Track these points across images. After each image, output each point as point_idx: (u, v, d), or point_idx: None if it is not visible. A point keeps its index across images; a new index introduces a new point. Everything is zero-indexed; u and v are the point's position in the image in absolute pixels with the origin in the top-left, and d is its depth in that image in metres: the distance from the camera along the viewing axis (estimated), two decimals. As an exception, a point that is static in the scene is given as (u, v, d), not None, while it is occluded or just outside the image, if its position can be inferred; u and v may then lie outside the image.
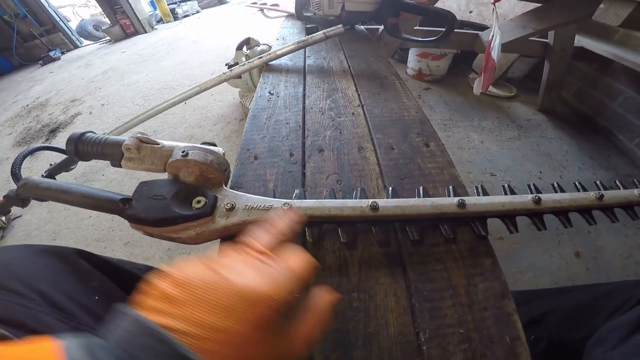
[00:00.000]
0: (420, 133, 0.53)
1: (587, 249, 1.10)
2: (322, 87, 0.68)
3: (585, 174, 1.41)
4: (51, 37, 5.46)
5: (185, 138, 1.90)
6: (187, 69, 3.05)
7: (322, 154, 0.49)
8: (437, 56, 1.96)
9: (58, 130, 2.37)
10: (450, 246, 0.37)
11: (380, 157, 0.48)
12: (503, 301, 0.33)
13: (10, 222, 1.57)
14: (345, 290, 0.34)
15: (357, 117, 0.56)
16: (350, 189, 0.44)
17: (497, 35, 0.99)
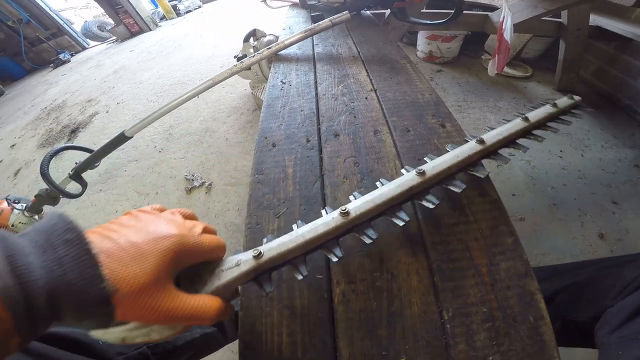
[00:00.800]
0: (436, 114, 0.53)
1: (611, 231, 1.06)
2: (333, 74, 0.68)
3: (608, 153, 1.37)
4: (58, 40, 5.54)
5: (201, 131, 1.95)
6: (196, 64, 3.08)
7: (337, 138, 0.50)
8: (448, 38, 1.91)
9: (78, 130, 2.44)
10: (471, 225, 0.37)
11: (396, 139, 0.49)
12: (525, 280, 0.32)
13: None
14: (368, 270, 0.35)
15: (371, 101, 0.57)
16: (368, 171, 0.45)
17: (508, 16, 0.97)
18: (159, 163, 1.79)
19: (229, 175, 1.58)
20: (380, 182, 0.39)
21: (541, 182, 1.25)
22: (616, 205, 1.14)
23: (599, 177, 1.26)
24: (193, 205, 1.47)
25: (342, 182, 0.44)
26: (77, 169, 1.25)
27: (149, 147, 1.95)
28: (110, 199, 1.66)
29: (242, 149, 1.73)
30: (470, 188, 0.40)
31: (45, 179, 1.18)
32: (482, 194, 0.40)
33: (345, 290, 0.34)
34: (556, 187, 1.23)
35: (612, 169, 1.28)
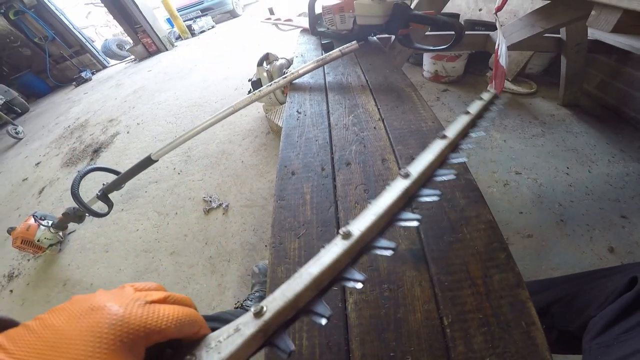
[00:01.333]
0: (437, 143, 0.58)
1: (621, 244, 1.08)
2: (344, 104, 0.75)
3: (616, 167, 1.37)
4: (80, 58, 5.77)
5: (217, 154, 2.03)
6: (211, 85, 3.19)
7: (349, 167, 0.56)
8: (452, 57, 1.98)
9: (101, 150, 2.55)
10: (468, 243, 0.42)
11: (401, 167, 0.54)
12: (517, 290, 0.36)
13: (66, 236, 1.74)
14: (377, 282, 0.40)
15: (379, 130, 0.63)
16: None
17: (502, 43, 1.03)
18: (178, 185, 1.88)
19: (244, 197, 1.65)
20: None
21: (548, 199, 1.27)
22: (625, 219, 1.15)
23: (606, 192, 1.26)
24: (211, 226, 1.54)
25: (354, 207, 0.50)
26: (104, 189, 1.33)
27: (168, 169, 2.04)
28: (131, 219, 1.74)
29: (257, 171, 1.80)
30: (468, 210, 0.46)
31: (76, 199, 1.27)
32: (478, 215, 0.45)
33: (357, 299, 0.39)
34: (563, 204, 1.24)
35: (620, 183, 1.29)
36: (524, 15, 1.32)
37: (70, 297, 0.21)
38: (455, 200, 0.48)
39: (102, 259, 1.54)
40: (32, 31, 5.15)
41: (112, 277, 1.43)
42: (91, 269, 1.51)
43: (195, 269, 1.36)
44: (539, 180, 1.36)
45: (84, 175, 1.33)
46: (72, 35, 5.53)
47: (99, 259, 1.54)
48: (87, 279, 1.46)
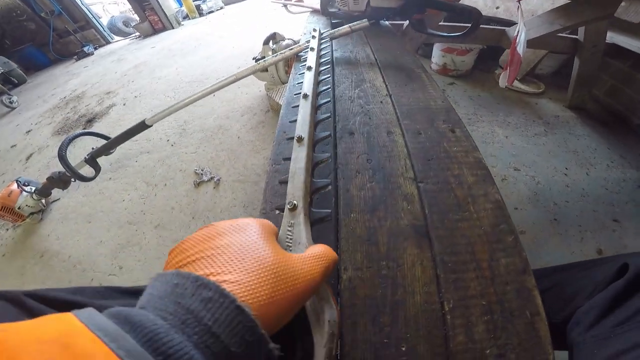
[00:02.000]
0: (447, 120, 0.55)
1: (610, 247, 1.08)
2: (351, 78, 0.71)
3: (614, 172, 1.37)
4: (85, 34, 5.73)
5: (214, 128, 1.99)
6: (214, 63, 3.13)
7: (352, 136, 0.53)
8: (463, 51, 1.94)
9: (94, 120, 2.51)
10: (475, 222, 0.39)
11: (408, 141, 0.51)
12: (524, 276, 0.34)
13: (49, 204, 1.67)
14: (375, 258, 0.37)
15: (386, 105, 0.60)
16: (379, 167, 0.47)
17: (522, 31, 1.00)
18: (170, 156, 1.83)
19: (237, 172, 1.61)
20: None
21: (544, 197, 1.27)
22: (617, 223, 1.16)
23: (602, 195, 1.27)
24: (200, 200, 1.50)
25: (355, 176, 0.47)
26: (93, 153, 1.29)
27: (162, 141, 1.99)
28: (118, 188, 1.69)
29: (252, 147, 1.76)
30: (475, 188, 0.43)
31: (62, 161, 1.22)
32: (486, 193, 0.42)
33: (352, 276, 0.36)
34: (559, 203, 1.24)
35: (616, 188, 1.29)
36: (543, 13, 1.29)
37: None
38: (463, 176, 0.46)
39: (83, 230, 1.49)
40: (40, 5, 5.10)
41: (91, 250, 1.38)
42: (71, 240, 1.45)
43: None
44: (536, 178, 1.36)
45: (74, 138, 1.28)
46: (79, 10, 5.48)
47: (81, 230, 1.49)
48: (65, 250, 1.40)
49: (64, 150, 1.24)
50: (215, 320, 0.16)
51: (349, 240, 0.39)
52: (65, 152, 1.24)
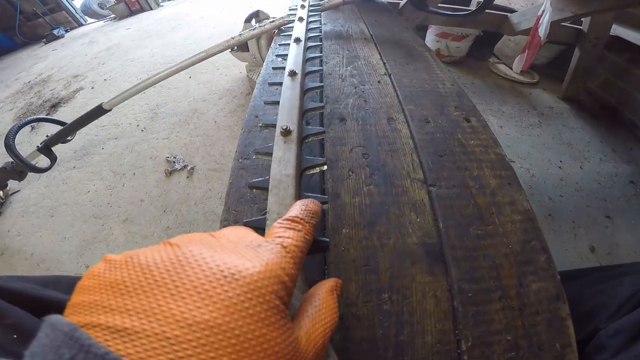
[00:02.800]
0: (459, 107, 0.45)
1: (602, 244, 1.06)
2: (342, 54, 0.60)
3: (606, 166, 1.36)
4: (55, 16, 5.37)
5: (188, 112, 1.85)
6: (193, 44, 2.96)
7: (343, 123, 0.42)
8: (458, 37, 1.84)
9: (59, 105, 2.31)
10: (500, 239, 0.31)
11: (413, 130, 0.41)
12: (557, 304, 0.28)
13: (8, 197, 1.53)
14: (374, 289, 0.29)
15: (385, 85, 0.49)
16: (379, 165, 0.37)
17: (548, 11, 0.92)
18: (140, 142, 1.69)
19: (213, 160, 1.49)
20: None
21: (539, 191, 1.24)
22: (609, 219, 1.15)
23: (595, 190, 1.25)
24: (172, 191, 1.37)
25: (348, 176, 0.36)
26: (47, 141, 1.15)
27: (131, 126, 1.83)
28: (83, 178, 1.55)
29: (230, 132, 1.64)
30: (500, 194, 0.34)
31: (10, 150, 1.08)
32: (513, 201, 0.34)
33: (345, 313, 0.27)
34: (553, 197, 1.22)
35: (609, 183, 1.28)
36: None
37: None
38: (484, 178, 0.36)
39: (46, 225, 1.36)
40: (6, -13, 4.76)
41: (54, 247, 1.26)
42: (33, 236, 1.32)
43: (150, 240, 1.20)
44: (531, 171, 1.33)
45: (24, 125, 1.13)
46: None
47: (43, 225, 1.36)
48: (27, 247, 1.28)
49: (11, 139, 1.09)
50: None
51: (339, 266, 0.30)
52: (13, 140, 1.10)
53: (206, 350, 0.11)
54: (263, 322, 0.13)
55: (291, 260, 0.17)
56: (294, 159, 0.29)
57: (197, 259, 0.14)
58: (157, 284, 0.13)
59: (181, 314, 0.12)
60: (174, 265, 0.14)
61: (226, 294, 0.13)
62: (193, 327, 0.12)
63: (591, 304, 0.45)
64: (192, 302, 0.12)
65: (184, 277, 0.13)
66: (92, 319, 0.12)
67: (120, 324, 0.12)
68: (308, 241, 0.20)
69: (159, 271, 0.13)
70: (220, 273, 0.14)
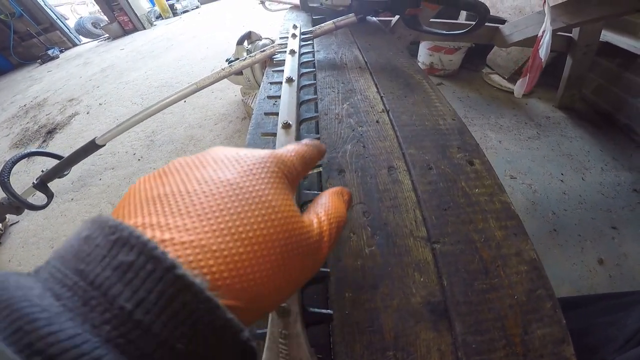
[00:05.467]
0: (461, 147, 0.43)
1: (610, 256, 1.06)
2: (337, 88, 0.58)
3: (608, 176, 1.36)
4: (49, 36, 5.45)
5: (184, 139, 1.85)
6: (187, 65, 2.98)
7: (342, 175, 0.39)
8: (450, 50, 1.85)
9: (55, 132, 2.32)
10: (506, 291, 0.31)
11: (415, 180, 0.39)
12: (562, 346, 0.28)
13: (7, 228, 1.54)
14: (378, 348, 0.29)
15: (383, 125, 0.46)
16: (381, 224, 0.35)
17: (548, 31, 0.90)
18: (137, 173, 1.68)
19: None
20: None
21: (542, 207, 1.24)
22: (615, 230, 1.14)
23: (599, 202, 1.25)
24: None
25: (349, 238, 0.34)
26: (42, 177, 1.11)
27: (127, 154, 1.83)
28: (81, 210, 1.54)
29: None
30: (506, 246, 0.34)
31: (5, 189, 1.05)
32: (519, 252, 0.33)
33: None
34: (557, 212, 1.21)
35: (612, 193, 1.28)
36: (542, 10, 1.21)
37: None
38: (489, 231, 0.35)
39: (46, 256, 1.35)
40: (0, 7, 4.83)
41: (54, 280, 1.22)
42: (33, 266, 1.29)
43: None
44: (533, 187, 1.33)
45: (17, 160, 1.09)
46: (41, 12, 5.19)
47: (43, 255, 1.38)
48: (29, 278, 1.25)
49: (5, 176, 1.06)
50: (138, 301, 0.10)
51: (343, 329, 0.30)
52: (7, 178, 1.07)
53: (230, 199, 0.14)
54: (266, 184, 0.15)
55: (292, 152, 0.19)
56: None
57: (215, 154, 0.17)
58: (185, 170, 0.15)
59: (210, 178, 0.14)
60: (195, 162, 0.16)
61: (241, 166, 0.15)
62: (222, 183, 0.14)
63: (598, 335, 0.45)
64: (218, 169, 0.15)
65: (207, 166, 0.15)
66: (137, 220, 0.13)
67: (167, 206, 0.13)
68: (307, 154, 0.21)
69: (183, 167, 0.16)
70: (233, 157, 0.16)
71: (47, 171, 1.13)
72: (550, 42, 0.90)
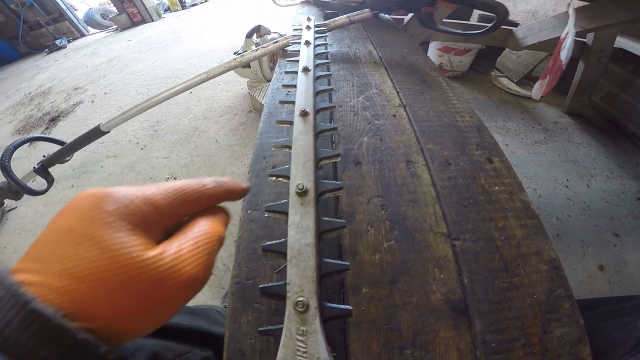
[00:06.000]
0: (480, 144, 0.42)
1: (611, 263, 1.07)
2: (352, 81, 0.57)
3: (613, 184, 1.35)
4: (58, 26, 5.45)
5: (189, 130, 1.83)
6: (194, 58, 2.96)
7: (359, 167, 0.38)
8: (461, 51, 1.83)
9: (59, 119, 2.31)
10: (526, 290, 0.31)
11: (434, 175, 0.37)
12: (579, 346, 0.29)
13: (5, 214, 1.52)
14: (396, 347, 0.28)
15: (400, 120, 0.45)
16: (400, 218, 0.34)
17: (571, 34, 0.88)
18: (140, 161, 1.66)
19: None
20: None
21: (547, 212, 1.23)
22: (617, 237, 1.14)
23: (602, 209, 1.25)
24: None
25: (366, 232, 0.33)
26: (43, 162, 1.11)
27: (131, 143, 1.81)
28: None
29: (232, 152, 1.61)
30: (526, 245, 0.34)
31: (5, 172, 1.04)
32: (539, 251, 0.33)
33: None
34: (561, 218, 1.21)
35: (616, 201, 1.28)
36: (560, 14, 1.21)
37: None
38: (510, 229, 0.34)
39: None
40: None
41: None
42: None
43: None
44: (538, 191, 1.32)
45: (19, 145, 1.09)
46: (52, 1, 5.19)
47: None
48: (24, 265, 1.24)
49: (7, 159, 1.06)
50: (6, 322, 0.14)
51: (360, 326, 0.29)
52: (8, 161, 1.06)
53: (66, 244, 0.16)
54: (98, 226, 0.17)
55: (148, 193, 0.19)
56: (313, 225, 0.26)
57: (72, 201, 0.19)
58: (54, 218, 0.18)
59: (58, 226, 0.17)
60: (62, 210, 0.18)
61: (79, 212, 0.17)
62: (63, 229, 0.17)
63: (607, 339, 0.44)
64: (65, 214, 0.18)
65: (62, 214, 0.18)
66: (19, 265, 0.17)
67: None
68: None
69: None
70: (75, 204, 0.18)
71: (49, 156, 1.13)
72: (572, 46, 0.87)
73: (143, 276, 0.16)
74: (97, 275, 0.16)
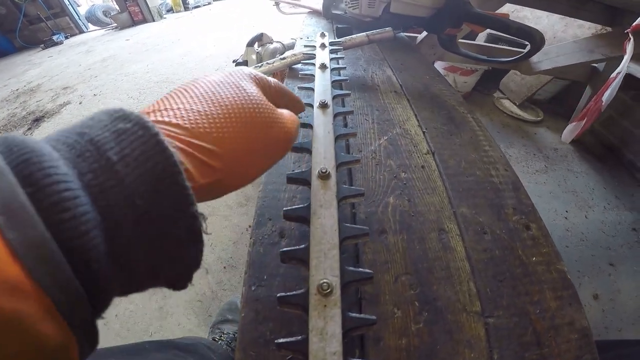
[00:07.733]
0: (517, 208, 0.36)
1: (605, 292, 1.08)
2: (372, 116, 0.49)
3: (610, 215, 1.36)
4: (57, 21, 5.41)
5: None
6: (191, 62, 2.90)
7: (384, 237, 0.32)
8: (467, 71, 1.80)
9: (42, 120, 2.22)
10: (555, 359, 0.28)
11: (469, 247, 0.32)
12: None
13: None
14: None
15: (430, 173, 0.39)
16: (431, 299, 0.28)
17: (622, 74, 0.78)
18: None
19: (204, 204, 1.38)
20: None
21: None
22: (612, 267, 1.16)
23: (599, 239, 1.26)
24: None
25: (392, 315, 0.28)
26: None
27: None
28: None
29: None
30: (559, 316, 0.30)
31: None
32: (572, 322, 0.31)
33: None
34: (559, 248, 1.17)
35: (612, 232, 1.29)
36: (581, 39, 1.18)
37: None
38: (545, 302, 0.31)
39: None
40: (14, -10, 4.78)
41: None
42: None
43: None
44: None
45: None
46: None
47: None
48: None
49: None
50: (123, 156, 0.13)
51: None
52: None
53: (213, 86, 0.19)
54: (241, 80, 0.21)
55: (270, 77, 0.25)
56: (340, 330, 0.20)
57: None
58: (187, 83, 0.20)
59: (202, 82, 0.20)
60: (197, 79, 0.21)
61: (223, 73, 0.21)
62: (210, 82, 0.20)
63: None
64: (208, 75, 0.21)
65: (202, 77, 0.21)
66: None
67: None
68: None
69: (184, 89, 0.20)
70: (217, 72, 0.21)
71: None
72: (619, 84, 0.78)
73: (264, 114, 0.20)
74: (236, 105, 0.18)
